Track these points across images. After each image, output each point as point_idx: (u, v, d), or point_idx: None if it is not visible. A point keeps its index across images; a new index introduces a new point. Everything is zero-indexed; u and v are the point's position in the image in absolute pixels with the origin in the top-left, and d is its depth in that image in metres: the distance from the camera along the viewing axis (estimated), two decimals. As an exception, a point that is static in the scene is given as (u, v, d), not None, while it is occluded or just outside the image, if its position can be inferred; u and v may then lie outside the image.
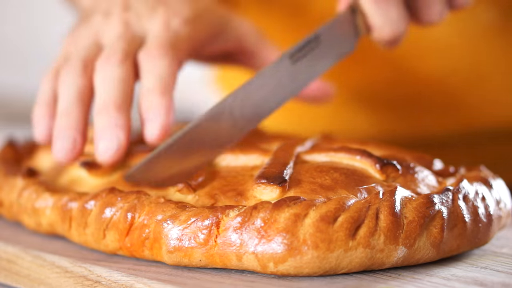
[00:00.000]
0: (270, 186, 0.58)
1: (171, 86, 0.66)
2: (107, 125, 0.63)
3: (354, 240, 0.55)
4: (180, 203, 0.59)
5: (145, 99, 0.65)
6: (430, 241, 0.57)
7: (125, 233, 0.60)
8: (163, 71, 0.66)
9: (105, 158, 0.63)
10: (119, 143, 0.63)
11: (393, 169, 0.61)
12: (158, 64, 0.66)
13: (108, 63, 0.66)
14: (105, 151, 0.63)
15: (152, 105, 0.64)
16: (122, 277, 0.57)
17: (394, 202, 0.56)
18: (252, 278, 0.56)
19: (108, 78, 0.65)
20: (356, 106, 0.97)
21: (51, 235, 0.66)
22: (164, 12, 0.71)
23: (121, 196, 0.61)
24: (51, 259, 0.61)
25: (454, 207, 0.59)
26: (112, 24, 0.71)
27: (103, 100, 0.64)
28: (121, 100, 0.64)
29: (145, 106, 0.64)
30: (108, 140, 0.63)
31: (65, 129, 0.64)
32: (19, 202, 0.67)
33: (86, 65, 0.67)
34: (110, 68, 0.66)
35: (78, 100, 0.66)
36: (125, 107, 0.64)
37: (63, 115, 0.65)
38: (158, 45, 0.68)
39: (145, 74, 0.66)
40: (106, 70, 0.66)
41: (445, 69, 0.93)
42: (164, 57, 0.67)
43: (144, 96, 0.65)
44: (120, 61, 0.66)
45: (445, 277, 0.56)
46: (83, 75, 0.67)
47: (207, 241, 0.56)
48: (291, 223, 0.55)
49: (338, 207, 0.55)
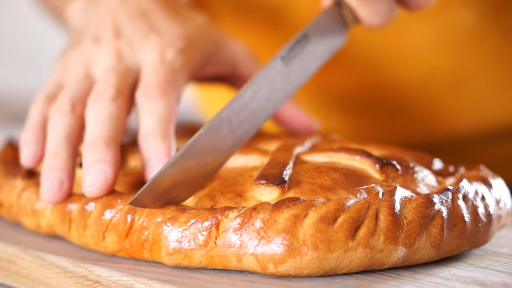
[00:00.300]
0: (269, 187, 0.58)
1: (171, 127, 0.66)
2: (95, 160, 0.63)
3: (354, 241, 0.55)
4: (179, 205, 0.59)
5: (146, 143, 0.64)
6: (430, 241, 0.57)
7: (125, 235, 0.60)
8: (163, 113, 0.66)
9: (91, 193, 0.62)
10: (105, 178, 0.62)
11: (393, 169, 0.61)
12: (157, 105, 0.66)
13: (99, 101, 0.66)
14: (91, 186, 0.62)
15: (153, 150, 0.64)
16: (122, 277, 0.57)
17: (394, 202, 0.56)
18: (251, 278, 0.56)
19: (99, 115, 0.65)
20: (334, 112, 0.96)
21: (51, 236, 0.66)
22: (157, 41, 0.71)
23: (121, 198, 0.61)
24: (51, 259, 0.61)
25: (454, 207, 0.59)
26: (103, 53, 0.70)
27: (92, 135, 0.64)
28: (110, 136, 0.64)
29: (146, 151, 0.64)
30: (95, 175, 0.62)
31: (52, 171, 0.64)
32: (18, 203, 0.67)
33: (74, 105, 0.67)
34: (102, 105, 0.66)
35: (65, 141, 0.65)
36: (114, 143, 0.64)
37: (50, 156, 0.65)
38: (155, 84, 0.67)
39: (144, 116, 0.66)
40: (97, 108, 0.66)
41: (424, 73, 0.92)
42: (163, 97, 0.66)
43: (145, 139, 0.65)
44: (112, 99, 0.66)
45: (445, 277, 0.56)
46: (71, 115, 0.67)
47: (206, 243, 0.56)
48: (291, 224, 0.55)
49: (338, 207, 0.55)
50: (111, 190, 0.62)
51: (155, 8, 0.74)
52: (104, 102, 0.66)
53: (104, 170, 0.62)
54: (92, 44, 0.72)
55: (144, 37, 0.71)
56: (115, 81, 0.67)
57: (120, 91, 0.67)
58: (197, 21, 0.76)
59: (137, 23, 0.72)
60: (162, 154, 0.64)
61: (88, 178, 0.62)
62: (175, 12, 0.75)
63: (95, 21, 0.74)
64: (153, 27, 0.72)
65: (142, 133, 0.65)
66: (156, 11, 0.74)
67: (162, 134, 0.65)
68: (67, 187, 0.64)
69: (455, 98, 0.93)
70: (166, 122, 0.65)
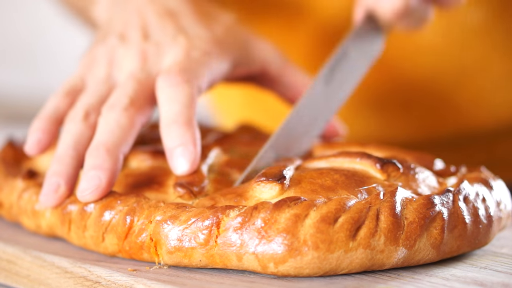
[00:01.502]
0: (269, 183, 0.58)
1: (193, 115, 0.64)
2: (92, 165, 0.62)
3: (355, 241, 0.55)
4: (180, 203, 0.59)
5: (168, 131, 0.64)
6: (431, 242, 0.57)
7: (124, 236, 0.59)
8: (185, 99, 0.65)
9: (82, 198, 0.62)
10: (99, 184, 0.62)
11: (394, 168, 0.61)
12: (179, 91, 0.65)
13: (112, 110, 0.65)
14: (83, 191, 0.62)
15: (177, 138, 0.63)
16: (122, 278, 0.57)
17: (395, 203, 0.56)
18: (251, 278, 0.56)
19: (107, 123, 0.65)
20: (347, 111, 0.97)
21: (51, 237, 0.66)
22: (185, 43, 0.70)
23: (120, 199, 0.61)
24: (51, 259, 0.61)
25: (455, 208, 0.59)
26: (129, 55, 0.70)
27: (96, 141, 0.64)
28: (113, 144, 0.63)
29: (169, 139, 0.63)
30: (89, 180, 0.62)
31: (53, 175, 0.64)
32: (19, 204, 0.67)
33: (88, 113, 0.67)
34: (113, 114, 0.65)
35: (71, 147, 0.65)
36: (116, 151, 0.63)
37: (55, 161, 0.65)
38: (178, 70, 0.66)
39: (166, 102, 0.65)
40: (108, 116, 0.65)
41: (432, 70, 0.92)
42: (185, 84, 0.65)
43: (167, 127, 0.64)
44: (124, 108, 0.65)
45: (445, 277, 0.56)
46: (83, 123, 0.66)
47: (207, 242, 0.56)
48: (292, 224, 0.55)
49: (339, 207, 0.55)
50: (104, 196, 0.62)
51: (183, 8, 0.73)
52: (116, 111, 0.65)
53: (99, 176, 0.62)
54: (118, 41, 0.71)
55: (172, 39, 0.70)
56: (132, 90, 0.67)
57: (134, 100, 0.66)
58: (225, 21, 0.75)
59: (165, 24, 0.72)
60: (188, 141, 0.63)
61: (82, 183, 0.62)
62: (203, 13, 0.74)
63: (121, 18, 0.73)
64: (181, 29, 0.71)
65: (165, 120, 0.64)
66: (184, 11, 0.73)
67: (185, 121, 0.63)
68: (63, 192, 0.63)
69: (461, 95, 0.93)
70: (189, 108, 0.64)
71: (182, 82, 0.65)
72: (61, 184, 0.63)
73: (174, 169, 0.63)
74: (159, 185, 0.63)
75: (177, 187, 0.61)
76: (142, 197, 0.60)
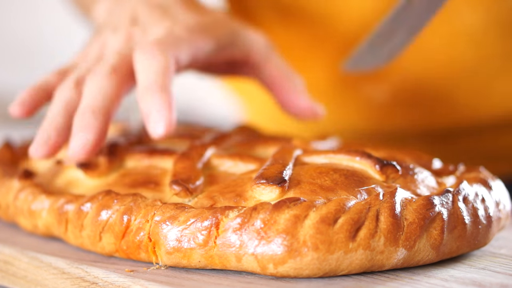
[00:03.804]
0: (269, 187, 0.58)
1: (168, 82, 0.66)
2: (79, 128, 0.65)
3: (354, 242, 0.55)
4: (179, 204, 0.58)
5: (144, 98, 0.65)
6: (430, 243, 0.57)
7: (121, 235, 0.59)
8: (160, 68, 0.66)
9: (72, 157, 0.65)
10: (86, 143, 0.64)
11: (393, 170, 0.61)
12: (154, 61, 0.66)
13: (94, 75, 0.68)
14: (72, 151, 0.65)
15: (152, 103, 0.64)
16: (119, 279, 0.57)
17: (395, 204, 0.56)
18: (250, 279, 0.56)
19: (91, 88, 0.67)
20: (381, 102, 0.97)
21: (48, 237, 0.65)
22: (170, 22, 0.72)
23: (117, 199, 0.60)
24: (48, 260, 0.61)
25: (454, 209, 0.58)
26: (116, 38, 0.72)
27: (82, 106, 0.66)
28: (98, 106, 0.66)
29: (145, 105, 0.65)
30: (76, 141, 0.65)
31: (43, 130, 0.67)
32: (15, 204, 0.67)
33: (78, 82, 0.69)
34: (95, 79, 0.67)
35: (63, 109, 0.68)
36: (101, 113, 0.65)
37: (46, 120, 0.67)
38: (155, 43, 0.68)
39: (141, 71, 0.67)
40: (91, 82, 0.68)
41: (474, 58, 0.90)
42: (160, 54, 0.67)
43: (143, 94, 0.65)
44: (106, 74, 0.67)
45: (444, 278, 0.56)
46: (73, 90, 0.69)
47: (206, 242, 0.56)
48: (291, 225, 0.55)
49: (338, 208, 0.55)
50: (92, 154, 0.64)
51: (175, 3, 0.75)
52: (98, 76, 0.67)
53: (86, 137, 0.64)
54: (111, 32, 0.74)
55: (158, 21, 0.73)
56: (115, 60, 0.69)
57: (116, 68, 0.68)
58: (215, 14, 0.77)
59: (154, 12, 0.74)
60: (162, 106, 0.64)
61: (71, 144, 0.65)
62: (194, 5, 0.76)
63: (116, 16, 0.76)
64: (169, 15, 0.74)
65: (140, 89, 0.66)
66: (176, 5, 0.75)
67: (160, 87, 0.65)
68: (53, 142, 0.66)
69: (504, 83, 0.92)
70: (163, 76, 0.66)
71: (157, 53, 0.67)
72: (51, 136, 0.66)
73: (151, 133, 0.65)
74: (156, 184, 0.63)
75: (173, 184, 0.61)
76: (138, 196, 0.60)
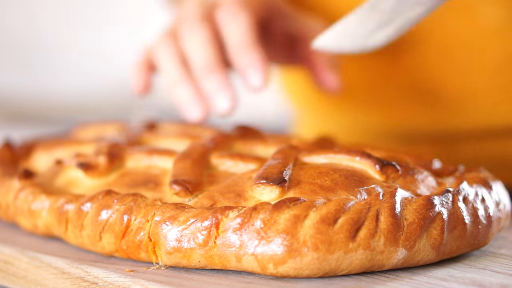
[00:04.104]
0: (269, 187, 0.58)
1: (256, 37, 0.70)
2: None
3: (354, 242, 0.55)
4: (179, 204, 0.58)
5: (238, 54, 0.70)
6: (430, 243, 0.57)
7: (121, 235, 0.59)
8: (247, 24, 0.70)
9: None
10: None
11: (393, 170, 0.61)
12: (240, 18, 0.72)
13: (189, 28, 0.73)
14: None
15: (247, 59, 0.69)
16: (119, 279, 0.57)
17: (395, 204, 0.56)
18: (249, 279, 0.56)
19: (194, 45, 0.72)
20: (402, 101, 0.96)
21: (48, 237, 0.65)
22: None
23: (117, 198, 0.60)
24: (48, 260, 0.61)
25: (454, 209, 0.58)
26: (194, 8, 0.77)
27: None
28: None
29: (240, 61, 0.69)
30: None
31: (179, 94, 0.73)
32: (15, 204, 0.67)
33: (175, 36, 0.75)
34: (192, 28, 0.73)
35: (178, 65, 0.74)
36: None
37: (173, 86, 0.73)
38: (233, 2, 0.72)
39: (229, 29, 0.71)
40: (190, 32, 0.73)
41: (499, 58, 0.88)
42: (243, 12, 0.72)
43: (237, 51, 0.70)
44: (199, 22, 0.73)
45: (444, 278, 0.56)
46: (174, 46, 0.75)
47: (206, 242, 0.56)
48: (291, 225, 0.55)
49: (338, 208, 0.55)
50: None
51: None
52: (193, 25, 0.73)
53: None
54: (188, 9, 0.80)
55: None
56: (200, 15, 0.75)
57: (204, 20, 0.74)
58: None
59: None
60: (257, 60, 0.69)
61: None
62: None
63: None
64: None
65: (233, 46, 0.70)
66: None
67: (250, 43, 0.70)
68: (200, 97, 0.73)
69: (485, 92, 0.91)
70: (252, 32, 0.71)
71: (240, 10, 0.73)
72: (192, 95, 0.72)
73: (250, 86, 0.69)
74: (156, 184, 0.63)
75: (173, 184, 0.61)
76: (138, 196, 0.60)
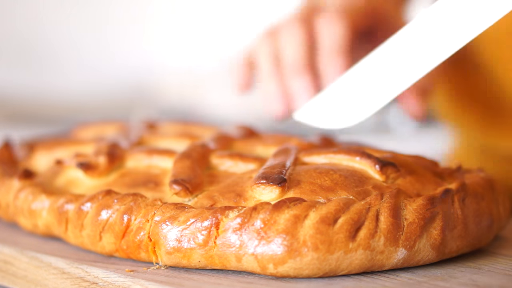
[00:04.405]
0: (269, 187, 0.58)
1: (344, 46, 0.79)
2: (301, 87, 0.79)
3: (354, 242, 0.55)
4: (179, 204, 0.58)
5: (326, 60, 0.78)
6: (430, 243, 0.57)
7: (121, 235, 0.59)
8: (342, 33, 0.78)
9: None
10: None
11: (393, 170, 0.61)
12: (337, 27, 0.79)
13: (289, 28, 0.81)
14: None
15: (332, 66, 0.78)
16: (119, 279, 0.57)
17: (395, 204, 0.56)
18: (249, 279, 0.56)
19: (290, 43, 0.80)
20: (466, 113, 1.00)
21: (48, 237, 0.65)
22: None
23: (117, 198, 0.60)
24: (48, 260, 0.61)
25: (454, 209, 0.58)
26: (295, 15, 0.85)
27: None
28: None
29: (326, 66, 0.78)
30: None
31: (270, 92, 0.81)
32: (15, 203, 0.67)
33: (272, 35, 0.83)
34: (292, 27, 0.81)
35: (272, 64, 0.82)
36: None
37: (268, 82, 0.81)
38: (335, 10, 0.80)
39: (324, 35, 0.79)
40: (289, 32, 0.81)
41: None
42: (341, 20, 0.79)
43: (323, 57, 0.79)
44: (298, 23, 0.80)
45: (443, 278, 0.56)
46: (271, 44, 0.82)
47: (206, 242, 0.56)
48: (291, 225, 0.55)
49: (338, 208, 0.55)
50: None
51: None
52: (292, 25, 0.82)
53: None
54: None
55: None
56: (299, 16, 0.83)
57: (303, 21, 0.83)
58: None
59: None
60: (336, 66, 0.77)
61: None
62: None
63: None
64: None
65: (322, 52, 0.79)
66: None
67: (341, 52, 0.78)
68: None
69: None
70: (341, 41, 0.79)
71: (338, 19, 0.79)
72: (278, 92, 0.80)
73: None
74: (156, 184, 0.63)
75: (173, 184, 0.61)
76: (138, 196, 0.60)
